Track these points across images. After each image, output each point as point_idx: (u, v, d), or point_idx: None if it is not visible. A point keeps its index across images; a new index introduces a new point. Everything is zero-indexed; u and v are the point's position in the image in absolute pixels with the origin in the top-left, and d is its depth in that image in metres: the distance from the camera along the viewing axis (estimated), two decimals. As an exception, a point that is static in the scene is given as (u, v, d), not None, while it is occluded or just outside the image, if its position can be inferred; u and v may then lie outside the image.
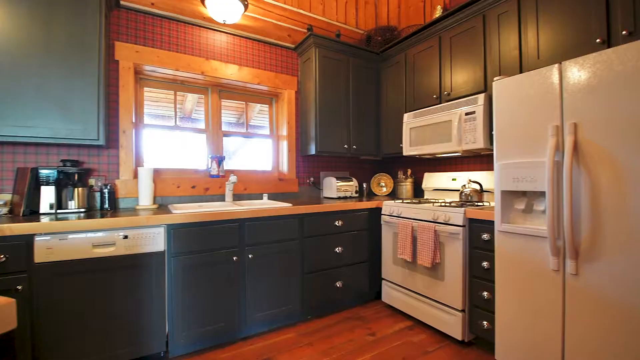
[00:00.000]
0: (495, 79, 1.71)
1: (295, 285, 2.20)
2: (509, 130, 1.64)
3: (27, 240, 1.47)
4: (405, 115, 2.65)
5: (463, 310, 1.92)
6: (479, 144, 2.08)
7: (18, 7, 1.67)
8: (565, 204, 1.36)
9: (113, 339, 1.63)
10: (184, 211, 1.87)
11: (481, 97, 2.08)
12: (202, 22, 2.50)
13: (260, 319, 2.06)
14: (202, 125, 2.69)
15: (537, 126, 1.52)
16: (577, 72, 1.37)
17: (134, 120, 2.27)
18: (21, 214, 1.74)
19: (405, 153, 2.66)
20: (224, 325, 1.93)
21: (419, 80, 2.63)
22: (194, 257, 1.84)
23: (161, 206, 2.24)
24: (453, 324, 1.96)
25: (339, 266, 2.40)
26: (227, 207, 2.06)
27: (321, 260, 2.31)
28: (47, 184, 1.84)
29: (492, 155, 2.45)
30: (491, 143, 2.08)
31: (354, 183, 2.92)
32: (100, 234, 1.60)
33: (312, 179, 3.06)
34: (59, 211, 1.85)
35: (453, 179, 2.62)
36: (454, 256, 1.95)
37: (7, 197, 1.87)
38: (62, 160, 1.93)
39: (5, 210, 1.78)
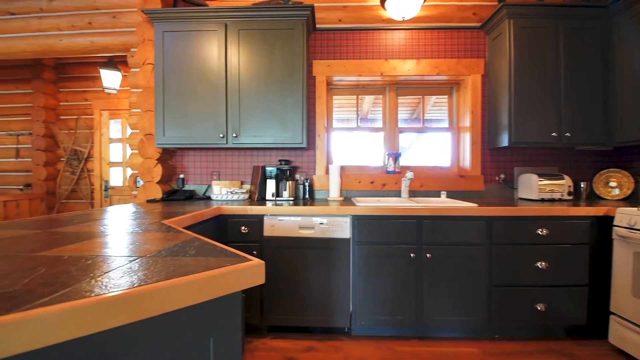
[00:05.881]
0: None
1: (481, 297, 1.95)
2: None
3: (260, 219, 2.00)
4: (665, 84, 1.81)
5: None
6: None
7: (254, 45, 2.28)
8: None
9: (310, 306, 1.98)
10: (366, 204, 2.02)
11: None
12: (381, 25, 2.61)
13: (438, 323, 1.96)
14: (377, 124, 2.82)
15: None
16: None
17: (326, 125, 2.66)
18: (255, 199, 2.39)
19: (663, 139, 1.82)
20: (401, 318, 1.96)
21: (697, 27, 1.72)
22: (374, 247, 1.96)
23: (346, 199, 2.51)
24: None
25: (541, 285, 1.94)
26: (405, 204, 2.07)
27: (515, 273, 1.94)
28: (270, 178, 2.45)
29: None
30: None
31: (565, 182, 2.27)
32: (302, 219, 1.97)
33: (502, 175, 2.61)
34: (277, 199, 2.42)
35: None
36: None
37: (248, 187, 2.63)
38: (279, 160, 2.51)
39: (246, 196, 2.50)
